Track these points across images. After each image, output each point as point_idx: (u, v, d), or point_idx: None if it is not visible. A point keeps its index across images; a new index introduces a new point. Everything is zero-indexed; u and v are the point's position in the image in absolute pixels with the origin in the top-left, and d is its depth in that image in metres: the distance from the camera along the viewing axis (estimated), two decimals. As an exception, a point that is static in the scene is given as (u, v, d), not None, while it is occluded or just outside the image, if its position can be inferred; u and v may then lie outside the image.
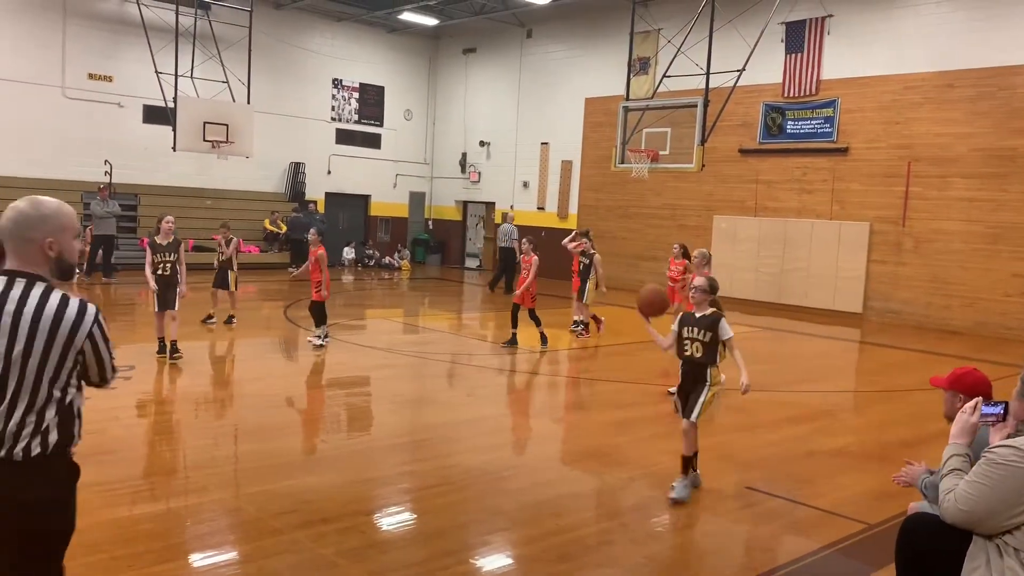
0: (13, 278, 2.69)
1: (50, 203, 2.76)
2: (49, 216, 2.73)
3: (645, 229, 21.63)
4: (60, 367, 2.70)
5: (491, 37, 25.34)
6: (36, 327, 2.64)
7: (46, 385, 2.69)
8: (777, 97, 18.91)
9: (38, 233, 2.69)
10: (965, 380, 3.89)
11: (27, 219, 2.69)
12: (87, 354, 2.77)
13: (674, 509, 5.88)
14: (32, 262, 2.71)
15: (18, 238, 2.69)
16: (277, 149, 23.49)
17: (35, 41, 19.79)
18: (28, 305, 2.64)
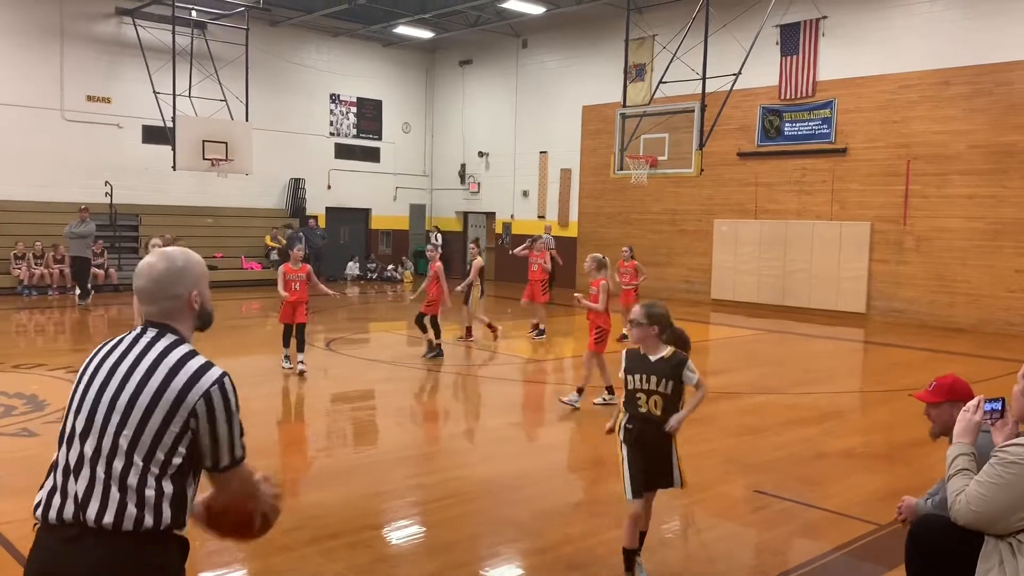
0: (145, 329, 2.46)
1: (180, 254, 2.53)
2: (188, 268, 2.51)
3: (646, 235, 21.64)
4: (159, 435, 2.29)
5: (487, 48, 25.43)
6: (145, 383, 2.31)
7: (137, 452, 2.28)
8: (774, 100, 18.95)
9: (183, 288, 2.47)
10: (959, 387, 3.83)
11: (168, 276, 2.46)
12: (199, 429, 2.33)
13: (684, 514, 5.86)
14: (177, 318, 2.48)
15: (162, 298, 2.45)
16: (276, 165, 23.56)
17: (34, 65, 19.89)
18: (146, 358, 2.36)
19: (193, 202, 22.28)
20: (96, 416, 2.32)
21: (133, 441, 2.28)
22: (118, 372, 2.35)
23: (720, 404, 9.53)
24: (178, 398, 2.30)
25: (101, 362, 2.40)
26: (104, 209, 20.48)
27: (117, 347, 2.43)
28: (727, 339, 15.03)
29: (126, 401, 2.29)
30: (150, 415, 2.29)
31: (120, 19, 21.01)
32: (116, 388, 2.32)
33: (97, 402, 2.33)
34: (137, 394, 2.30)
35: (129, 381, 2.32)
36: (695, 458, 7.42)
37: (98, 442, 2.30)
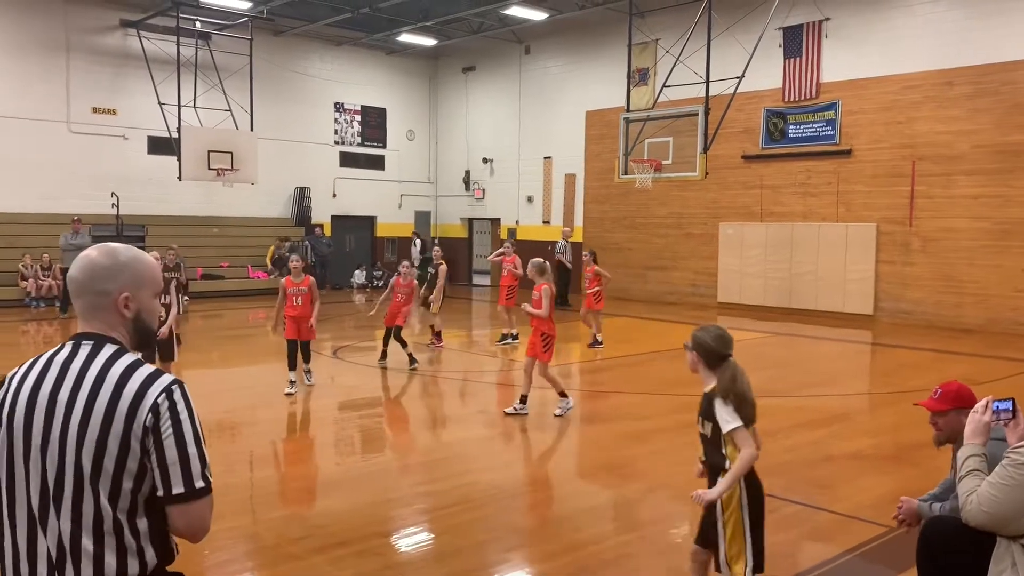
0: (79, 342, 2.10)
1: (125, 251, 2.18)
2: (125, 266, 2.16)
3: (651, 239, 21.63)
4: (120, 467, 1.97)
5: (490, 55, 25.48)
6: (91, 407, 1.97)
7: (101, 490, 1.97)
8: (778, 102, 18.93)
9: (113, 285, 2.12)
10: (964, 394, 3.78)
11: (99, 269, 2.13)
12: (150, 443, 1.98)
13: (693, 521, 5.84)
14: (105, 323, 2.13)
15: (89, 292, 2.12)
16: (282, 174, 23.62)
17: (39, 78, 20.00)
18: (87, 376, 2.01)
19: (199, 212, 22.35)
20: (44, 457, 1.97)
21: (93, 481, 1.95)
22: (58, 402, 1.99)
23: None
24: (128, 418, 1.96)
25: (34, 390, 2.03)
26: (110, 220, 20.53)
27: (49, 368, 2.06)
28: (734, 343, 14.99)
29: (75, 435, 1.95)
30: (104, 446, 1.95)
31: (125, 31, 21.12)
32: (61, 422, 1.97)
33: (44, 441, 1.98)
34: (84, 425, 1.95)
35: (72, 412, 1.97)
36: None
37: (55, 490, 1.96)
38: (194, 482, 2.00)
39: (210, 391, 10.12)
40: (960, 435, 3.60)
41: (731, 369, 3.77)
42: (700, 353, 3.85)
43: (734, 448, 3.68)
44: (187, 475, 2.00)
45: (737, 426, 3.65)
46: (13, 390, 2.07)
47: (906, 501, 4.00)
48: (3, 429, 2.04)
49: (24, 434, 2.01)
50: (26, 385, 2.05)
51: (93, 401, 1.97)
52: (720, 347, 3.83)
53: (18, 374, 2.12)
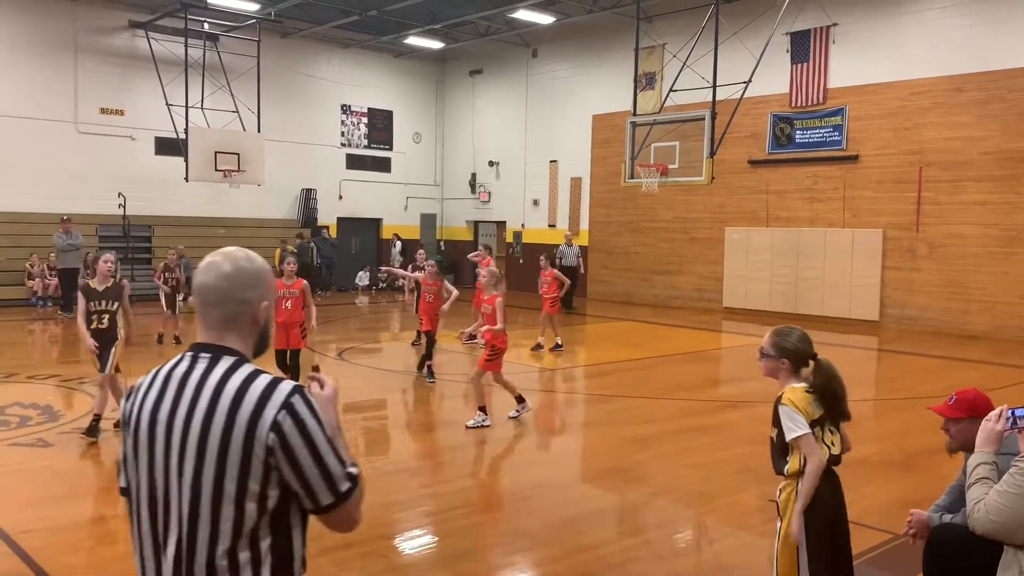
0: (197, 355, 1.98)
1: (256, 257, 2.07)
2: (264, 273, 2.05)
3: (657, 243, 21.61)
4: (242, 488, 1.86)
5: (497, 58, 25.51)
6: (207, 428, 1.87)
7: (223, 512, 1.86)
8: (785, 107, 18.91)
9: (255, 294, 2.01)
10: (980, 403, 3.70)
11: (245, 276, 2.01)
12: (280, 467, 1.87)
13: (697, 523, 5.83)
14: (235, 333, 2.00)
15: (231, 300, 1.99)
16: (288, 176, 23.67)
17: (48, 78, 20.07)
18: (203, 394, 1.90)
19: (206, 213, 22.40)
20: (167, 477, 1.91)
21: (214, 503, 1.86)
22: (175, 421, 1.91)
23: (732, 413, 9.49)
24: (247, 439, 1.85)
25: (155, 406, 1.95)
26: (117, 221, 20.62)
27: (168, 383, 1.97)
28: (739, 347, 14.97)
29: (193, 456, 1.87)
30: (223, 468, 1.85)
31: (133, 32, 21.19)
32: (180, 442, 1.89)
33: (165, 462, 1.91)
34: (203, 446, 1.86)
35: (189, 433, 1.88)
36: (708, 467, 7.40)
37: (175, 509, 1.90)
38: (339, 488, 1.93)
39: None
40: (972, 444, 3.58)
41: (826, 368, 3.60)
42: (791, 358, 3.65)
43: (799, 456, 3.54)
44: (331, 485, 1.92)
45: (803, 433, 3.50)
46: (139, 402, 2.00)
47: (916, 513, 3.98)
48: (131, 441, 1.99)
49: (148, 449, 1.95)
50: (148, 399, 1.98)
51: (210, 421, 1.87)
52: (808, 348, 3.67)
53: (144, 383, 2.03)
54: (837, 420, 3.65)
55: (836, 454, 3.65)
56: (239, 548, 1.87)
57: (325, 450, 1.91)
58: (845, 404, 3.62)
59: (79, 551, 4.99)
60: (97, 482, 6.46)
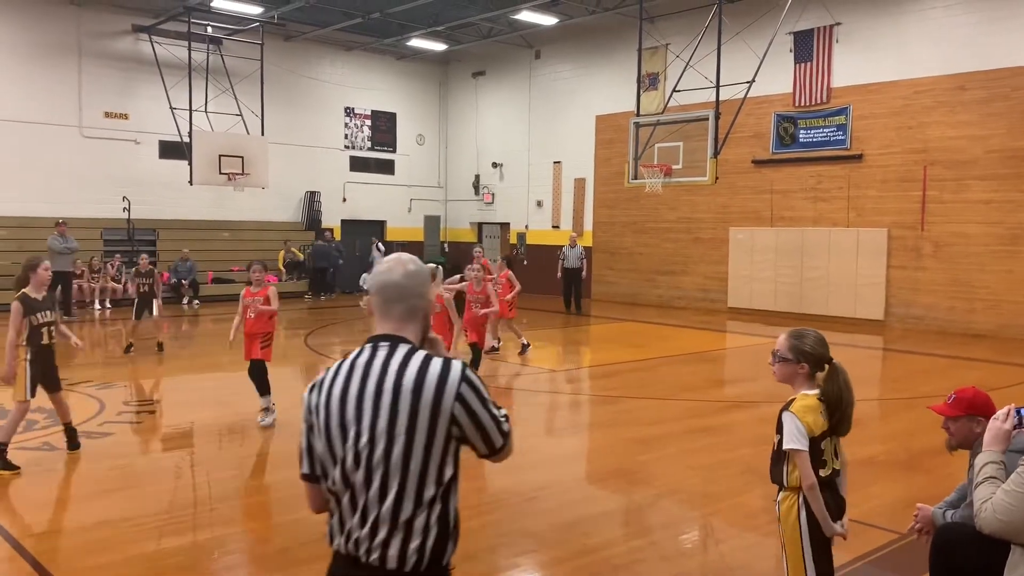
0: (377, 344, 2.29)
1: (420, 261, 2.43)
2: (429, 275, 2.43)
3: (661, 244, 21.60)
4: (427, 457, 2.19)
5: (500, 60, 25.53)
6: (396, 402, 2.17)
7: (415, 474, 2.19)
8: (788, 107, 18.89)
9: (428, 291, 2.38)
10: (979, 402, 3.73)
11: (422, 276, 2.36)
12: (464, 434, 2.25)
13: (703, 524, 5.82)
14: (411, 325, 2.33)
15: (412, 296, 2.32)
16: (292, 179, 23.71)
17: (52, 82, 20.14)
18: (389, 372, 2.20)
19: (210, 216, 22.45)
20: (356, 455, 2.19)
21: (404, 471, 2.17)
22: (365, 403, 2.20)
23: (737, 413, 9.48)
24: (434, 411, 2.18)
25: (343, 395, 2.23)
26: (122, 224, 20.68)
27: (353, 369, 2.25)
28: (744, 347, 14.96)
29: (385, 428, 2.17)
30: (412, 439, 2.17)
31: (136, 36, 21.25)
32: (371, 415, 2.18)
33: (356, 441, 2.19)
34: (392, 423, 2.16)
35: (380, 409, 2.17)
36: (713, 468, 7.39)
37: (367, 477, 2.18)
38: (504, 430, 2.33)
39: (221, 395, 10.15)
40: (971, 442, 3.56)
41: (841, 374, 3.50)
42: (810, 362, 3.53)
43: (794, 468, 3.48)
44: (500, 430, 2.32)
45: (800, 449, 3.42)
46: (326, 391, 2.27)
47: (922, 509, 3.97)
48: (321, 427, 2.25)
49: (340, 431, 2.22)
50: (336, 387, 2.25)
51: (397, 400, 2.17)
52: (825, 351, 3.55)
53: (325, 378, 2.29)
54: (839, 433, 3.58)
55: (837, 469, 3.61)
56: (420, 511, 2.19)
57: (492, 407, 2.28)
58: (851, 416, 3.56)
59: (84, 554, 5.00)
60: (102, 486, 6.47)
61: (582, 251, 20.23)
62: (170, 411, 9.21)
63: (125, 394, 9.98)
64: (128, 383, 10.79)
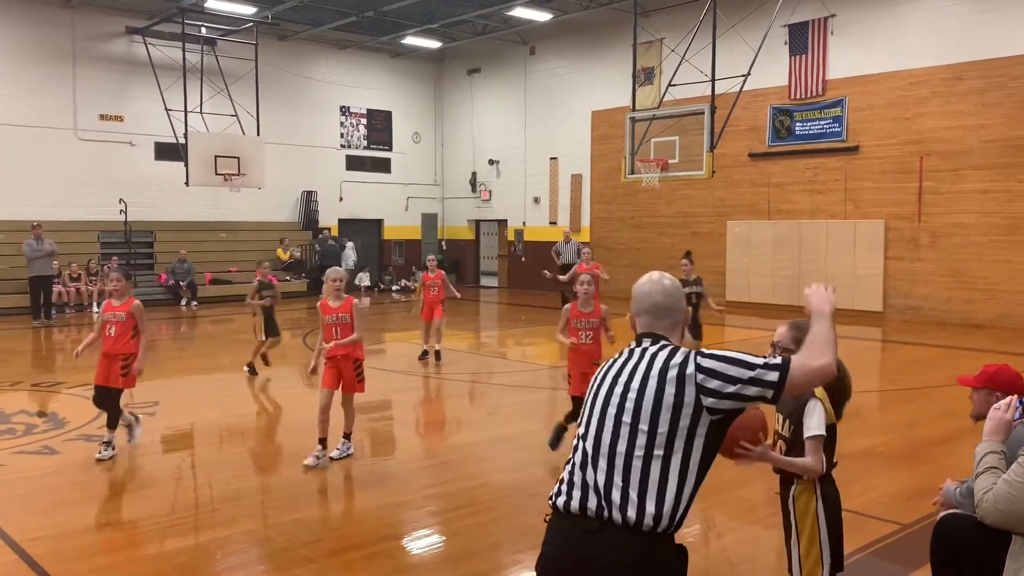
0: (643, 342, 2.62)
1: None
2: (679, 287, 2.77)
3: (659, 238, 21.60)
4: (673, 428, 2.39)
5: (495, 56, 25.50)
6: (644, 384, 2.45)
7: (658, 448, 2.39)
8: (784, 99, 18.89)
9: (683, 306, 2.71)
10: (1001, 377, 3.79)
11: (677, 292, 2.70)
12: (711, 391, 2.41)
13: (704, 517, 5.83)
14: (676, 332, 2.66)
15: (675, 311, 2.66)
16: (289, 178, 23.68)
17: (46, 86, 20.10)
18: (656, 361, 2.50)
19: (207, 217, 22.42)
20: (616, 415, 2.44)
21: (650, 438, 2.38)
22: (635, 377, 2.48)
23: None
24: (679, 386, 2.40)
25: (619, 371, 2.55)
26: (119, 227, 20.64)
27: (628, 359, 2.57)
28: (743, 340, 14.96)
29: (641, 399, 2.42)
30: (659, 410, 2.39)
31: (131, 38, 21.21)
32: (637, 389, 2.45)
33: (620, 403, 2.46)
34: (644, 392, 2.43)
35: (647, 384, 2.44)
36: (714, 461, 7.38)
37: (615, 439, 2.42)
38: (771, 363, 2.46)
39: (220, 396, 10.15)
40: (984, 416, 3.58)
41: (842, 366, 3.45)
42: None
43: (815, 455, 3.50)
44: (765, 370, 2.44)
45: (821, 435, 3.48)
46: (603, 370, 2.63)
47: (946, 483, 4.01)
48: (591, 396, 2.60)
49: (604, 401, 2.52)
50: (613, 367, 2.59)
51: (647, 380, 2.45)
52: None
53: (617, 361, 2.62)
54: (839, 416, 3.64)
55: (835, 463, 3.65)
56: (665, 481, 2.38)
57: (740, 358, 2.44)
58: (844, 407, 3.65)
59: (86, 557, 5.00)
60: (103, 489, 6.47)
61: (578, 246, 20.15)
62: (170, 413, 9.20)
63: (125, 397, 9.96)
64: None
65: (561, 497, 2.50)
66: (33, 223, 17.53)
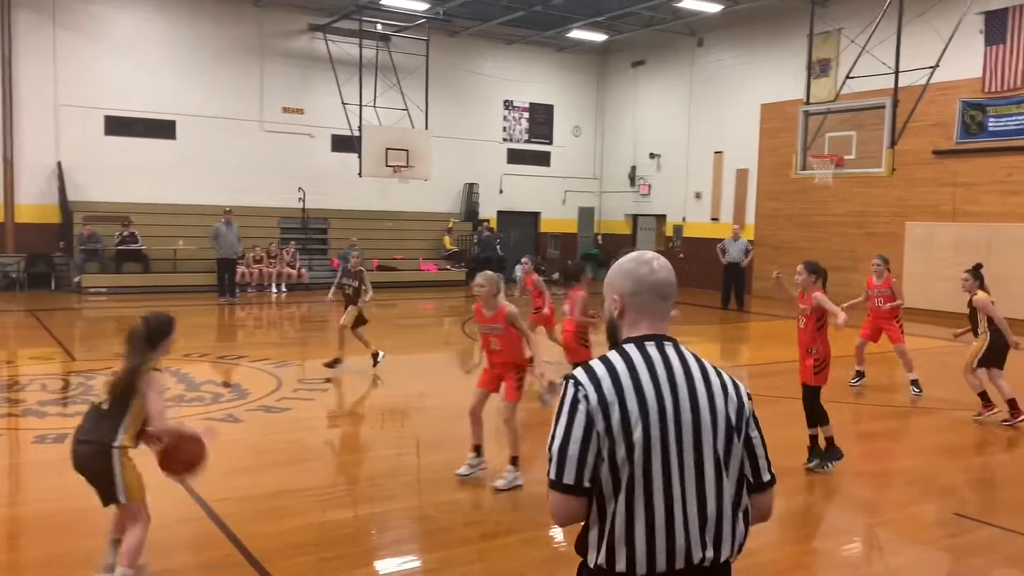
0: (664, 343, 2.21)
1: None
2: None
3: (829, 238, 20.58)
4: (728, 457, 2.19)
5: (661, 48, 25.10)
6: (713, 401, 2.18)
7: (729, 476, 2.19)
8: (976, 93, 17.48)
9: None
10: None
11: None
12: (753, 444, 2.26)
13: (868, 535, 5.52)
14: (666, 322, 2.29)
15: (674, 295, 2.29)
16: (452, 171, 24.34)
17: (237, 80, 21.66)
18: (707, 376, 2.20)
19: (376, 207, 23.45)
20: (696, 442, 2.14)
21: (727, 464, 2.18)
22: (698, 397, 2.16)
23: (912, 420, 8.93)
24: (739, 412, 2.22)
25: (672, 389, 2.14)
26: (297, 213, 21.97)
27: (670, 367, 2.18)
28: (919, 350, 14.00)
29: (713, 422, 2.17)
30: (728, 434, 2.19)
31: (312, 35, 22.47)
32: (707, 411, 2.16)
33: (692, 426, 2.14)
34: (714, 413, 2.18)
35: (714, 404, 2.17)
36: (882, 476, 6.99)
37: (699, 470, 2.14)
38: (767, 474, 2.37)
39: (386, 377, 10.59)
40: None
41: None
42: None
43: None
44: (766, 470, 2.38)
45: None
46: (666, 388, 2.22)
47: None
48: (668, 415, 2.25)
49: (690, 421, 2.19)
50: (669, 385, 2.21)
51: (719, 396, 2.20)
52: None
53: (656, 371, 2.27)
54: None
55: None
56: (738, 507, 2.26)
57: (763, 445, 2.34)
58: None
59: (263, 521, 5.37)
60: (277, 458, 6.91)
61: (746, 244, 19.52)
62: (339, 391, 9.71)
63: (299, 372, 10.61)
64: (301, 362, 11.47)
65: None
66: (225, 208, 18.98)
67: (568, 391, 2.11)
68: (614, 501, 2.09)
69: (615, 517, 2.09)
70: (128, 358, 4.22)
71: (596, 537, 2.14)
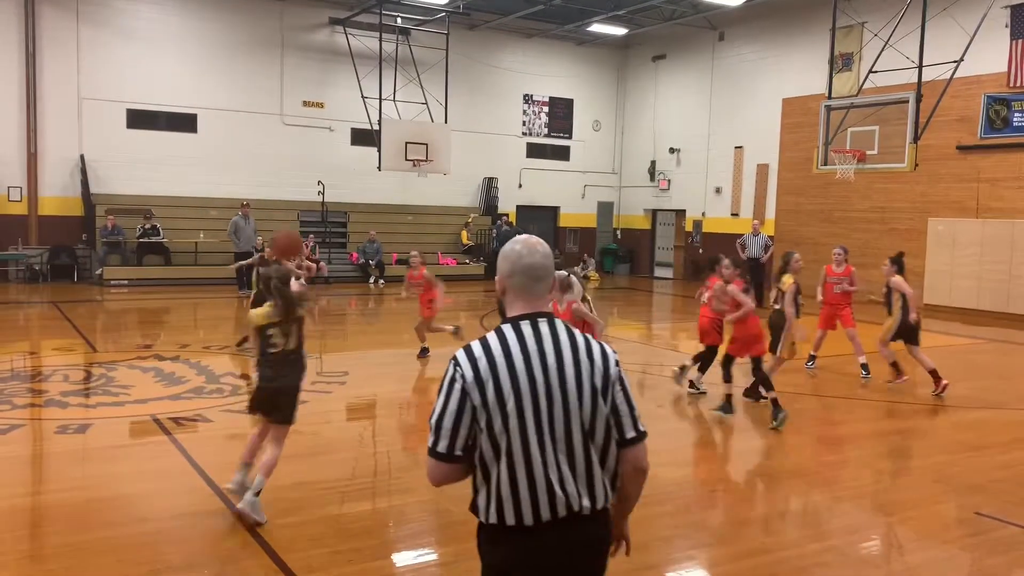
0: (551, 321, 2.46)
1: None
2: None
3: (851, 233, 20.38)
4: (594, 418, 2.41)
5: (681, 42, 24.96)
6: (580, 372, 2.40)
7: (591, 437, 2.43)
8: (1001, 88, 17.25)
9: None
10: None
11: (550, 255, 2.53)
12: (617, 405, 2.46)
13: (887, 532, 5.47)
14: (544, 300, 2.51)
15: (550, 276, 2.50)
16: (472, 165, 24.34)
17: (257, 74, 21.77)
18: (575, 347, 2.43)
19: (395, 200, 23.50)
20: (557, 410, 2.37)
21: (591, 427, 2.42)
22: (566, 368, 2.38)
23: (934, 418, 8.84)
24: (605, 377, 2.44)
25: (542, 363, 2.37)
26: (316, 207, 22.06)
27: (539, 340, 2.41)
28: (941, 347, 13.86)
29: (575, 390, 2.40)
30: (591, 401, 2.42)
31: (332, 28, 22.53)
32: (574, 379, 2.38)
33: (560, 394, 2.38)
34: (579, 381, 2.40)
35: (579, 373, 2.39)
36: (903, 474, 6.93)
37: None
38: (635, 429, 2.55)
39: (403, 371, 10.63)
40: None
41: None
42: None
43: None
44: (634, 426, 2.56)
45: None
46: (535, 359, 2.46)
47: None
48: (534, 383, 2.47)
49: (553, 389, 2.43)
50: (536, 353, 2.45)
51: (584, 363, 2.44)
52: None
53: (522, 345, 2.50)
54: None
55: None
56: (603, 462, 2.52)
57: (633, 402, 2.52)
58: None
59: (280, 513, 5.39)
60: (295, 450, 6.94)
61: (766, 240, 19.34)
62: (356, 384, 9.75)
63: (317, 365, 10.66)
64: (319, 355, 11.52)
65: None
66: (242, 202, 19.07)
67: (448, 370, 2.40)
68: (496, 465, 2.36)
69: (499, 479, 2.36)
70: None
71: (484, 499, 2.41)
